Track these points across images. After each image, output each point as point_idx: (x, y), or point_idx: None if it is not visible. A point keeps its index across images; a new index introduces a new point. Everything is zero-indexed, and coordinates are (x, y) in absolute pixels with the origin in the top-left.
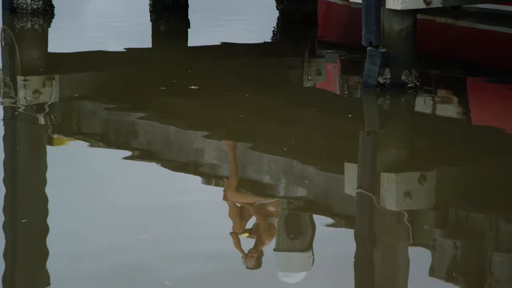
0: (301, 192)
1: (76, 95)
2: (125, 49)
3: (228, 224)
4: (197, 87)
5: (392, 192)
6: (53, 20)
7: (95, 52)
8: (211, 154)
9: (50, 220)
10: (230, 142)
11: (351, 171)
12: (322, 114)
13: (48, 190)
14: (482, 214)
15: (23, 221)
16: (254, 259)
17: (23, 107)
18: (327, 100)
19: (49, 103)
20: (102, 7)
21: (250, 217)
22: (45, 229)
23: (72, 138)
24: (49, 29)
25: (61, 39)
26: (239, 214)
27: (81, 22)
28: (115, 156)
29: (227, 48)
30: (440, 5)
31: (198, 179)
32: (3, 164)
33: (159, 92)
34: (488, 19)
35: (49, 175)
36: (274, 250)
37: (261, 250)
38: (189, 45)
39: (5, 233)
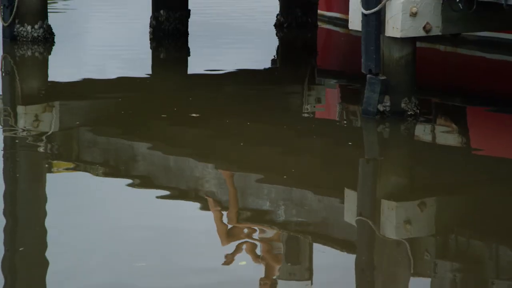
0: (300, 219)
1: (77, 123)
2: (125, 77)
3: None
4: (197, 115)
5: (392, 219)
6: (54, 48)
7: (95, 80)
8: (211, 182)
9: (48, 248)
10: (227, 173)
11: (351, 198)
12: (322, 141)
13: (48, 218)
14: (483, 241)
15: (20, 249)
16: (268, 286)
17: (23, 135)
18: (327, 127)
19: (49, 131)
20: (102, 35)
21: (240, 238)
22: (44, 258)
23: (71, 164)
24: (50, 57)
25: (62, 67)
26: (226, 234)
27: (82, 49)
28: (115, 183)
29: (227, 76)
30: (440, 33)
31: (197, 207)
32: (3, 192)
33: (159, 120)
34: (487, 46)
35: (48, 202)
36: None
37: (273, 278)
38: (190, 72)
39: (3, 262)
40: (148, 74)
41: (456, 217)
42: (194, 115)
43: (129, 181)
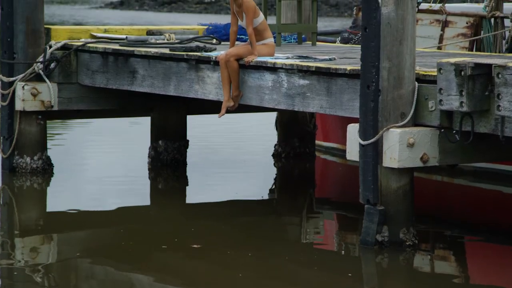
0: None
1: (78, 254)
2: (124, 207)
3: None
4: (198, 246)
5: None
6: (53, 179)
7: (94, 211)
8: None
9: None
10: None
11: None
12: (321, 272)
13: None
14: None
15: None
16: None
17: (20, 267)
18: (326, 258)
19: (47, 262)
20: (100, 165)
21: None
22: None
23: None
24: (48, 188)
25: (60, 198)
26: None
27: (80, 180)
28: None
29: (227, 206)
30: (437, 164)
31: None
32: None
33: (159, 251)
34: (484, 177)
35: None
36: None
37: None
38: (189, 202)
39: None
40: (147, 204)
41: None
42: (195, 246)
43: None
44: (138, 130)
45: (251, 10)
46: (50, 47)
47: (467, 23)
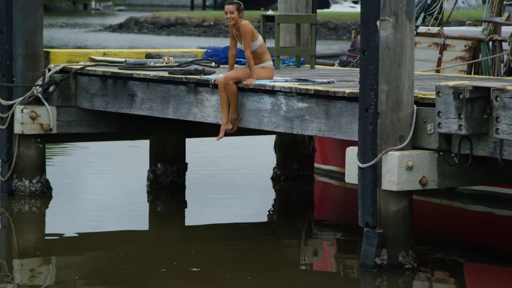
0: None
1: (77, 277)
2: (123, 230)
3: None
4: (198, 269)
5: None
6: (51, 201)
7: (93, 234)
8: None
9: None
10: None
11: None
12: None
13: None
14: None
15: None
16: None
17: None
18: (325, 281)
19: (45, 286)
20: (99, 189)
21: None
22: None
23: None
24: (47, 211)
25: (59, 221)
26: None
27: (79, 203)
28: None
29: (226, 229)
30: (436, 187)
31: None
32: None
33: (159, 274)
34: (483, 200)
35: None
36: None
37: None
38: (188, 225)
39: None
40: (146, 228)
41: None
42: (194, 269)
43: None
44: (137, 153)
45: (248, 34)
46: (49, 70)
47: (465, 46)
